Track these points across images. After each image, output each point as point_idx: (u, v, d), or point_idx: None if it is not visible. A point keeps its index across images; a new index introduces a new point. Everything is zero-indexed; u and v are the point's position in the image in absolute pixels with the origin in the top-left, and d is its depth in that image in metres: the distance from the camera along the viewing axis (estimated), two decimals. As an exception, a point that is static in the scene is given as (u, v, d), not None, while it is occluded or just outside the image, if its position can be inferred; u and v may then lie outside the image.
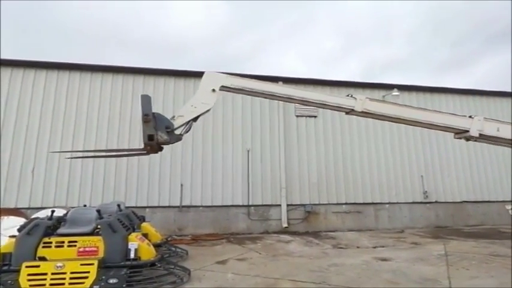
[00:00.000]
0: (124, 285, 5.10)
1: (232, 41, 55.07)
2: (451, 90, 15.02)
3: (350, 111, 7.31)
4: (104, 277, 5.08)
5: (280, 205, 12.05)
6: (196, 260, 7.40)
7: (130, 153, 8.31)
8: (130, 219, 7.03)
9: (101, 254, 5.44)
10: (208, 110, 6.64)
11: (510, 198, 13.47)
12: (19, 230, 5.62)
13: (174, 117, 6.46)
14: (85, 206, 8.82)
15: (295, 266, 6.93)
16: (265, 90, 7.03)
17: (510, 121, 8.81)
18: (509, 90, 15.84)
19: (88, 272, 5.07)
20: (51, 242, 5.45)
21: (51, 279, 4.93)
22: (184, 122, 6.50)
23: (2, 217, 9.60)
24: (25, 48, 41.05)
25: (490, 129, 8.28)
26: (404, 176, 13.45)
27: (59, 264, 5.06)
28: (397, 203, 13.10)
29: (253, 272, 6.48)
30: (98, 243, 5.55)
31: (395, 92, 13.34)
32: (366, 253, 8.22)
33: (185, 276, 5.91)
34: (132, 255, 5.58)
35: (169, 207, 11.38)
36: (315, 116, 12.98)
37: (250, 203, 11.88)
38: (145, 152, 6.66)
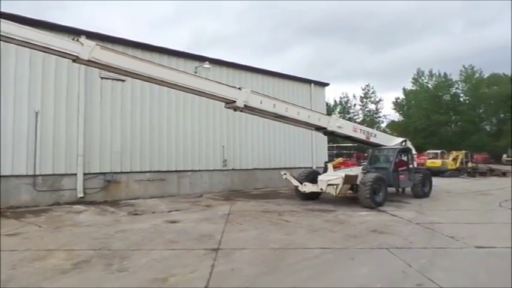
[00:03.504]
0: None
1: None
2: (261, 70, 16.78)
3: (76, 59, 6.56)
4: None
5: (76, 174, 11.02)
6: None
7: None
8: None
9: None
10: None
11: (288, 166, 16.35)
12: None
13: None
14: None
15: (77, 236, 6.56)
16: None
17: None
18: (309, 78, 19.02)
19: None
20: None
21: None
22: None
23: None
24: None
25: (254, 102, 9.71)
26: (207, 146, 14.45)
27: None
28: (199, 170, 14.02)
29: (23, 247, 5.79)
30: None
31: (206, 65, 13.91)
32: (159, 217, 8.52)
33: None
34: None
35: None
36: (123, 80, 12.16)
37: (37, 173, 10.38)
38: None
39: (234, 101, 9.23)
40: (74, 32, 10.69)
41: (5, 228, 7.19)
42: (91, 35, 10.85)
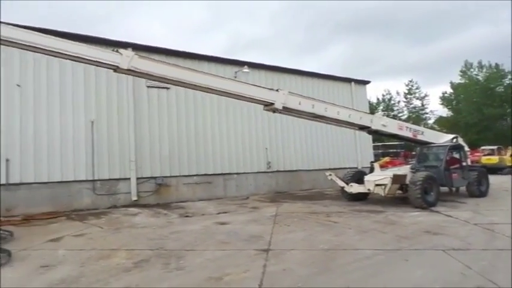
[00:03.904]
0: None
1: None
2: (300, 72, 16.86)
3: (116, 69, 6.85)
4: None
5: (129, 178, 11.69)
6: (24, 241, 6.70)
7: None
8: None
9: None
10: None
11: (332, 167, 16.15)
12: None
13: None
14: None
15: (135, 237, 6.98)
16: None
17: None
18: (349, 77, 18.74)
19: None
20: None
21: None
22: None
23: None
24: None
25: (293, 103, 9.68)
26: (251, 149, 14.69)
27: None
28: (244, 173, 14.28)
29: (89, 246, 6.26)
30: None
31: (245, 69, 14.21)
32: (208, 219, 8.81)
33: (4, 258, 5.30)
34: None
35: (-9, 185, 9.77)
36: (168, 88, 12.74)
37: (95, 178, 11.16)
38: None
39: (273, 103, 9.30)
40: (122, 45, 11.33)
41: (72, 229, 7.82)
42: (137, 47, 11.64)
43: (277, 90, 9.52)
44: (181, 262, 5.24)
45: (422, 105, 52.28)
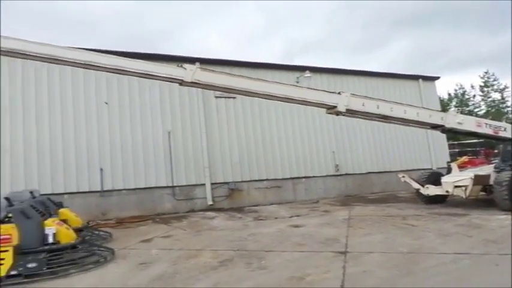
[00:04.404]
0: (44, 269, 5.13)
1: (148, 18, 52.58)
2: (362, 72, 16.60)
3: (182, 82, 7.20)
4: (21, 262, 5.05)
5: (204, 184, 12.46)
6: (121, 241, 7.52)
7: None
8: (45, 206, 6.85)
9: (15, 241, 5.32)
10: None
11: (404, 168, 15.51)
12: None
13: None
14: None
15: (216, 238, 7.46)
16: (42, 53, 6.31)
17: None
18: (416, 74, 18.00)
19: (3, 259, 4.99)
20: (-43, 233, 5.18)
21: (-39, 269, 4.77)
22: None
23: None
24: None
25: (356, 104, 9.45)
26: (318, 152, 14.73)
27: (-31, 253, 4.89)
28: (313, 176, 14.36)
29: (177, 247, 6.85)
30: (10, 230, 5.39)
31: (307, 74, 14.35)
32: (282, 222, 9.07)
33: (109, 255, 6.06)
34: (50, 240, 5.56)
35: (89, 192, 11.09)
36: (234, 97, 13.34)
37: (174, 184, 12.09)
38: None
39: (335, 106, 9.24)
40: (191, 61, 12.19)
41: (159, 231, 8.60)
42: (204, 61, 12.50)
43: (339, 93, 9.48)
44: (263, 262, 5.53)
45: (502, 98, 47.39)
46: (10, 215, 5.58)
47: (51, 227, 5.63)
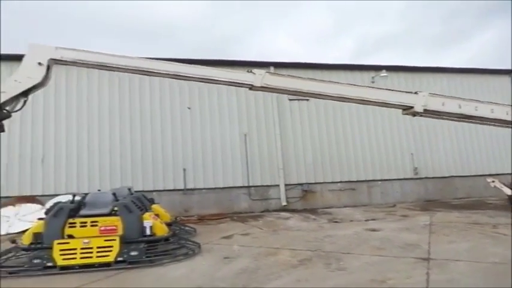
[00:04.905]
0: (144, 257, 5.83)
1: (220, 23, 54.68)
2: (442, 69, 15.61)
3: (251, 87, 7.26)
4: (125, 250, 5.80)
5: (278, 185, 12.80)
6: (204, 236, 8.13)
7: None
8: (141, 201, 7.70)
9: (120, 232, 6.11)
10: (40, 85, 6.27)
11: (493, 172, 14.23)
12: (46, 213, 6.29)
13: None
14: (99, 190, 9.47)
15: (293, 238, 7.69)
16: (104, 62, 6.60)
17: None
18: (506, 68, 16.36)
19: (111, 247, 5.79)
20: (75, 223, 6.10)
21: (81, 253, 5.65)
22: (8, 98, 6.04)
23: (19, 204, 10.32)
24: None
25: (435, 104, 8.80)
26: (395, 154, 14.19)
27: (86, 240, 5.76)
28: (389, 179, 13.87)
29: (256, 244, 7.22)
30: (116, 222, 6.20)
31: (383, 73, 13.90)
32: (358, 225, 8.99)
33: (196, 249, 6.63)
34: (147, 232, 6.27)
35: (174, 190, 12.11)
36: (307, 100, 13.46)
37: (250, 184, 12.62)
38: None
39: (412, 107, 8.79)
40: (265, 65, 12.90)
41: (237, 229, 9.10)
42: (277, 65, 13.19)
43: (415, 93, 9.03)
44: (341, 263, 5.62)
45: None
46: (116, 208, 6.40)
47: (148, 220, 6.35)
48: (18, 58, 11.49)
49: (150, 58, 7.13)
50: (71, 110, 12.05)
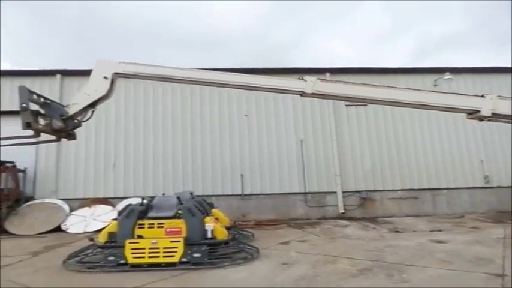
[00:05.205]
0: (206, 259, 6.11)
1: (274, 30, 55.06)
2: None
3: (302, 94, 7.13)
4: (189, 252, 6.12)
5: (335, 192, 12.60)
6: (262, 241, 8.27)
7: (39, 140, 7.12)
8: (202, 205, 8.04)
9: (184, 234, 6.45)
10: (105, 97, 6.83)
11: None
12: (118, 214, 6.85)
13: (68, 105, 6.79)
14: (164, 194, 10.06)
15: (352, 247, 7.54)
16: (161, 74, 6.99)
17: None
18: None
19: (176, 248, 6.14)
20: (144, 224, 6.56)
21: (149, 252, 6.08)
22: (79, 109, 6.74)
23: (94, 206, 11.30)
24: (83, 53, 44.45)
25: (505, 108, 8.00)
26: (462, 161, 13.27)
27: (154, 240, 6.18)
28: (456, 188, 12.99)
29: (313, 251, 7.20)
30: (180, 224, 6.55)
31: (447, 76, 13.13)
32: (421, 236, 8.56)
33: (255, 253, 6.79)
34: (209, 235, 6.54)
35: (232, 195, 12.45)
36: (365, 105, 13.11)
37: (306, 191, 12.57)
38: (56, 139, 7.02)
39: (478, 111, 8.13)
40: (321, 71, 13.00)
41: (294, 235, 9.13)
42: (333, 71, 13.25)
43: (482, 96, 8.39)
44: (404, 275, 5.42)
45: None
46: (180, 211, 6.78)
47: (209, 224, 6.63)
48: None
49: (201, 68, 7.45)
50: (138, 120, 12.97)
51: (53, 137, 6.95)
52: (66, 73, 12.93)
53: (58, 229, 10.74)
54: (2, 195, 10.99)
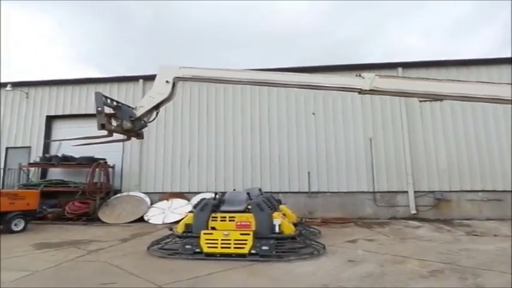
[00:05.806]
0: (273, 252, 6.43)
1: (340, 26, 53.58)
2: None
3: (360, 91, 6.92)
4: (258, 244, 6.50)
5: (407, 192, 12.12)
6: (329, 239, 8.38)
7: (112, 139, 7.82)
8: (270, 201, 8.38)
9: (253, 227, 6.84)
10: (167, 100, 7.43)
11: None
12: (194, 207, 7.49)
13: (136, 107, 7.52)
14: (234, 190, 10.64)
15: (423, 248, 7.31)
16: (218, 76, 7.29)
17: None
18: None
19: (246, 240, 6.55)
20: (217, 217, 7.09)
21: (221, 243, 6.58)
22: (145, 111, 7.41)
23: (171, 199, 12.31)
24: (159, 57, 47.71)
25: None
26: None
27: (226, 232, 6.67)
28: (550, 191, 11.69)
29: (381, 251, 7.13)
30: (250, 218, 6.96)
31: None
32: (503, 241, 7.95)
33: (321, 250, 6.95)
34: (276, 230, 6.86)
35: (299, 192, 12.67)
36: (441, 100, 12.30)
37: (375, 190, 12.29)
38: (126, 139, 7.87)
39: None
40: (392, 66, 12.58)
41: (362, 234, 9.07)
42: (405, 65, 12.90)
43: None
44: (479, 280, 5.18)
45: None
46: (249, 206, 7.20)
47: (277, 219, 6.94)
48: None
49: (257, 69, 7.76)
50: (211, 120, 13.81)
51: (124, 137, 7.87)
52: (147, 78, 14.20)
53: (141, 219, 11.93)
54: (96, 188, 12.52)
